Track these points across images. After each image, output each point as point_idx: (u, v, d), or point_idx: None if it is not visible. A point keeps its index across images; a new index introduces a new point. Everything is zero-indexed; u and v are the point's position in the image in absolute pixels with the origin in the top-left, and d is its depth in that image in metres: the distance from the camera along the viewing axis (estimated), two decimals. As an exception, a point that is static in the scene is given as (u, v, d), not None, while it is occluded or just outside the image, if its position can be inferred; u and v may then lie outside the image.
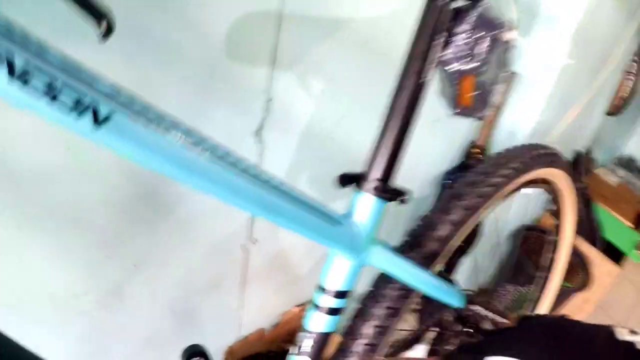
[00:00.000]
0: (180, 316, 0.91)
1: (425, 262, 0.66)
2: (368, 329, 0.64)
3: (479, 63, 0.55)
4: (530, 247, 1.53)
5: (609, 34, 1.25)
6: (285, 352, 0.67)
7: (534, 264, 1.42)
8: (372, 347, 0.64)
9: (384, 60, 0.55)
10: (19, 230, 0.60)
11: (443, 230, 0.68)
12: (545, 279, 1.25)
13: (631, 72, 1.70)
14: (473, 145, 1.17)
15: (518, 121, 1.18)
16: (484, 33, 0.53)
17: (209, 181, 0.40)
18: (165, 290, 0.85)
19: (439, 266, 0.69)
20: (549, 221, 1.53)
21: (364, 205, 0.54)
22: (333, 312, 0.59)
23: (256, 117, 0.73)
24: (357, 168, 0.55)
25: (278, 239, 0.95)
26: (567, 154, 1.75)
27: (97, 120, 0.33)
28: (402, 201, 0.56)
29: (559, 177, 1.01)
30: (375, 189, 0.53)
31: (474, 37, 0.53)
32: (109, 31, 0.36)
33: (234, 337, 1.06)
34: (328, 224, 0.51)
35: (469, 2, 0.52)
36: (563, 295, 1.56)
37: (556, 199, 1.08)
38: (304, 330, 0.61)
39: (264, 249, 0.93)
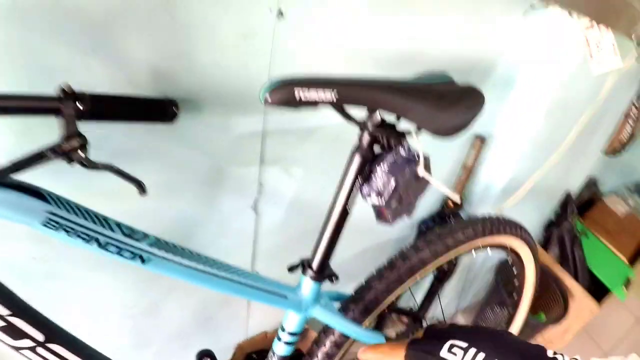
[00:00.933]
0: (200, 321, 1.28)
1: (361, 315, 0.97)
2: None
3: (391, 197, 0.83)
4: (505, 277, 1.75)
5: (590, 90, 1.39)
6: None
7: (507, 293, 1.67)
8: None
9: (349, 146, 0.84)
10: (97, 268, 0.97)
11: (379, 289, 0.99)
12: (513, 313, 1.53)
13: (630, 116, 1.81)
14: (448, 197, 1.44)
15: (492, 177, 1.44)
16: (398, 170, 0.82)
17: (206, 281, 0.74)
18: (189, 304, 1.21)
19: (373, 316, 0.99)
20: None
21: (306, 284, 0.87)
22: (288, 344, 0.92)
23: (252, 197, 1.06)
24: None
25: (276, 271, 1.28)
26: (556, 194, 1.93)
27: (143, 261, 0.67)
28: (332, 281, 0.88)
29: (518, 246, 1.27)
30: (312, 277, 0.86)
31: (389, 174, 0.82)
32: (143, 189, 0.69)
33: (242, 338, 1.42)
34: (280, 296, 0.84)
35: (387, 149, 0.81)
36: (538, 327, 1.80)
37: (516, 263, 1.34)
38: (272, 352, 0.95)
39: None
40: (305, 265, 0.87)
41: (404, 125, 0.78)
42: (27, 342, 0.68)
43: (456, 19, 1.05)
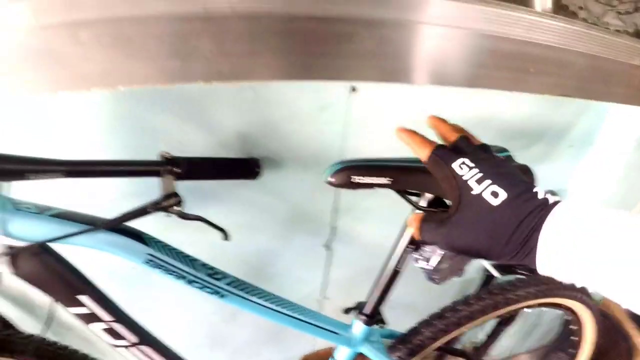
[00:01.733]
0: (272, 331, 1.47)
1: (407, 356, 1.10)
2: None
3: (438, 264, 0.96)
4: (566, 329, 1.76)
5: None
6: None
7: (568, 344, 1.70)
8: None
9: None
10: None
11: (427, 335, 1.11)
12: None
13: None
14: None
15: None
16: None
17: (272, 316, 0.92)
18: (267, 324, 1.41)
19: (419, 357, 1.12)
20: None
21: (358, 325, 1.02)
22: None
23: (325, 237, 1.23)
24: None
25: (342, 299, 1.45)
26: None
27: (221, 296, 0.86)
28: (381, 326, 1.02)
29: (578, 308, 1.33)
30: (363, 321, 1.01)
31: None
32: (226, 236, 0.88)
33: (310, 350, 1.60)
34: (333, 332, 1.00)
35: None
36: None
37: (574, 322, 1.39)
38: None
39: (334, 303, 1.44)
40: (359, 309, 1.02)
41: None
42: (124, 342, 0.91)
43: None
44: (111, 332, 0.89)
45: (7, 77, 0.69)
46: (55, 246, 0.80)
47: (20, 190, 0.78)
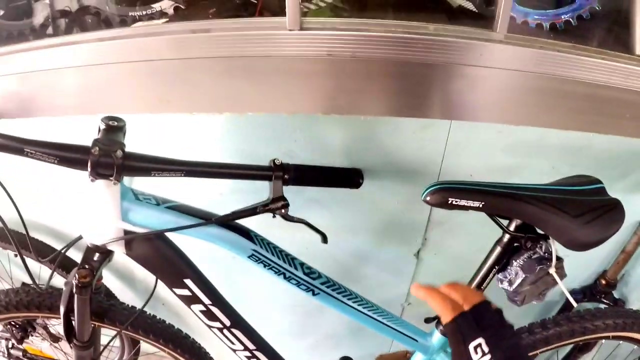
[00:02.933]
0: (352, 328, 1.60)
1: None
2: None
3: (520, 286, 1.03)
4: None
5: None
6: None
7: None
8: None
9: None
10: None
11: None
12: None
13: None
14: (603, 274, 1.54)
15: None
16: (531, 267, 1.01)
17: (358, 317, 1.04)
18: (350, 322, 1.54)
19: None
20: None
21: (436, 335, 1.11)
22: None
23: (416, 247, 1.33)
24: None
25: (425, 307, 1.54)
26: None
27: (314, 294, 0.99)
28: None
29: None
30: (441, 332, 1.10)
31: (521, 269, 1.01)
32: (325, 239, 1.00)
33: (385, 350, 1.71)
34: (412, 339, 1.10)
35: (523, 247, 1.01)
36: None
37: None
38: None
39: (415, 310, 1.54)
40: (439, 319, 1.12)
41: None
42: (218, 324, 1.06)
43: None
44: (208, 314, 1.04)
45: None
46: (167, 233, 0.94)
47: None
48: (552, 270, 1.01)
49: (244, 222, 0.98)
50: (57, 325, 1.45)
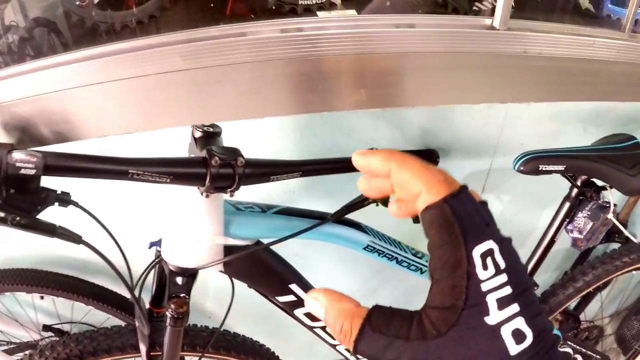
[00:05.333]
0: (400, 304, 1.77)
1: (547, 313, 1.40)
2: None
3: (587, 233, 1.26)
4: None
5: None
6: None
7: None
8: None
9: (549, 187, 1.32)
10: (339, 262, 1.48)
11: (566, 294, 1.41)
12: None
13: None
14: (616, 216, 1.82)
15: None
16: (595, 215, 1.24)
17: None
18: (398, 291, 1.72)
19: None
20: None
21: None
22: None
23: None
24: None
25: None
26: None
27: (422, 272, 1.15)
28: (536, 288, 1.32)
29: None
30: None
31: (587, 218, 1.24)
32: (418, 219, 1.17)
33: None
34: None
35: (588, 199, 1.23)
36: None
37: None
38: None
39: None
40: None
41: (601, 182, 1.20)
42: (321, 323, 1.07)
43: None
44: (313, 315, 1.07)
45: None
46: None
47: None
48: (610, 215, 1.25)
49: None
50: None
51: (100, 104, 0.76)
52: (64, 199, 0.76)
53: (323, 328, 1.12)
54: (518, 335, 0.35)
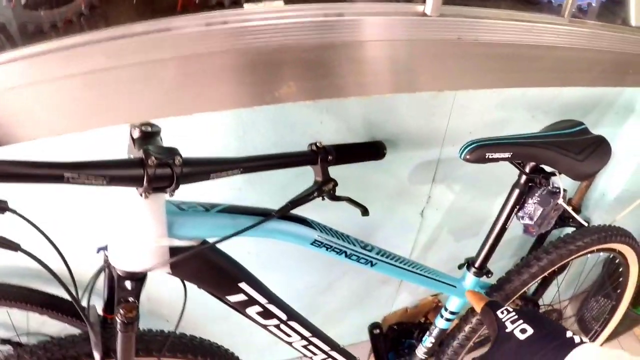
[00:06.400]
0: (359, 298, 1.78)
1: (504, 299, 1.42)
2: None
3: (538, 219, 1.27)
4: (610, 273, 2.13)
5: None
6: (418, 324, 1.50)
7: (612, 287, 2.07)
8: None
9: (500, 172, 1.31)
10: (296, 259, 1.46)
11: (521, 280, 1.42)
12: (616, 305, 1.95)
13: None
14: (569, 201, 1.84)
15: (608, 187, 1.83)
16: (545, 200, 1.24)
17: (406, 276, 1.21)
18: (355, 285, 1.71)
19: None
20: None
21: (469, 277, 1.33)
22: (448, 320, 1.39)
23: (421, 206, 1.53)
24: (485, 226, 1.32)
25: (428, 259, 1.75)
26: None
27: (372, 265, 1.15)
28: (488, 277, 1.33)
29: (626, 251, 1.68)
30: (474, 273, 1.31)
31: (538, 204, 1.25)
32: (366, 211, 1.16)
33: (387, 312, 1.92)
34: (451, 285, 1.30)
35: (537, 185, 1.23)
36: (637, 320, 2.21)
37: (622, 264, 1.75)
38: (434, 325, 1.43)
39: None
40: (469, 263, 1.32)
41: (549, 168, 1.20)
42: (275, 321, 1.09)
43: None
44: (265, 313, 1.08)
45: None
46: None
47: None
48: (560, 200, 1.26)
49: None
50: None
51: (28, 106, 0.74)
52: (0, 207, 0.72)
53: (277, 326, 1.12)
54: (523, 330, 0.78)
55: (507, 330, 0.79)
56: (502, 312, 0.87)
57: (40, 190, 0.95)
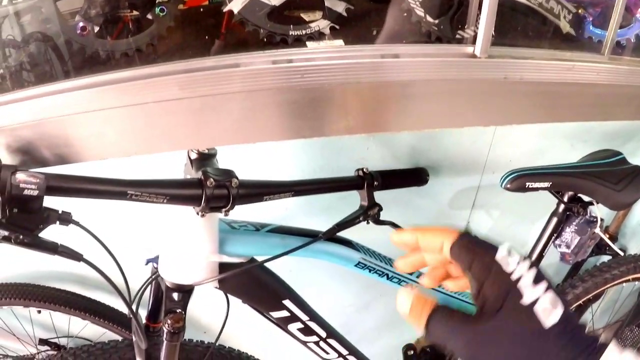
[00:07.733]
0: (394, 319, 1.82)
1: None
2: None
3: (575, 247, 1.30)
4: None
5: None
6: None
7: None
8: None
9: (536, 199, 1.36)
10: (332, 277, 1.52)
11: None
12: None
13: None
14: (606, 229, 1.87)
15: (646, 217, 1.86)
16: (582, 230, 1.28)
17: (442, 297, 1.25)
18: (391, 306, 1.75)
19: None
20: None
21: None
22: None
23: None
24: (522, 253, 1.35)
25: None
26: None
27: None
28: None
29: None
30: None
31: (575, 233, 1.29)
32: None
33: (421, 334, 1.95)
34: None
35: (575, 214, 1.28)
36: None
37: None
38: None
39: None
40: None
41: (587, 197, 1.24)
42: (314, 338, 1.13)
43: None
44: (306, 330, 1.11)
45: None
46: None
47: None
48: (597, 230, 1.30)
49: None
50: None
51: (100, 130, 0.80)
52: (65, 218, 0.80)
53: (316, 343, 1.15)
54: (549, 309, 0.44)
55: (523, 301, 0.45)
56: (507, 255, 0.49)
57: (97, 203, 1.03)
